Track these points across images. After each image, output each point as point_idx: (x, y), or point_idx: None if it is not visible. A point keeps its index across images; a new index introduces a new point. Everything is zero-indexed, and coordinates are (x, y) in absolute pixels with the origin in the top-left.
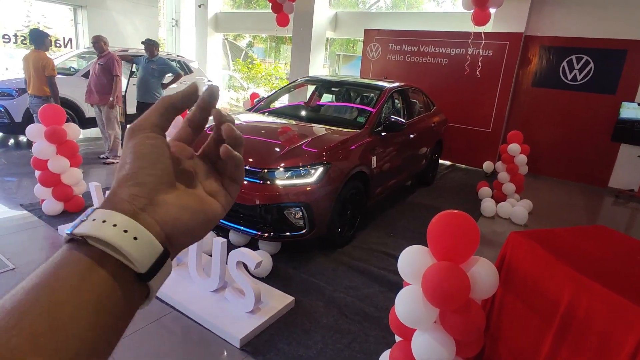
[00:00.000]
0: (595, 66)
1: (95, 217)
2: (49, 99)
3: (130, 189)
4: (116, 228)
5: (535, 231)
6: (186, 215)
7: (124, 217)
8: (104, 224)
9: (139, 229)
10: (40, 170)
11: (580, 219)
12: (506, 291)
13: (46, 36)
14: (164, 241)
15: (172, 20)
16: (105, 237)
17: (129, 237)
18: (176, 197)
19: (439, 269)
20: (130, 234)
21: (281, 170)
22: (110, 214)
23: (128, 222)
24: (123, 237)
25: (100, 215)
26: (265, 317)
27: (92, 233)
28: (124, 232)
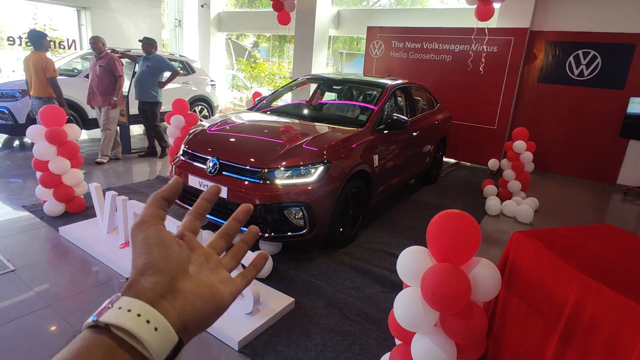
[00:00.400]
0: (603, 61)
1: (121, 306)
2: (50, 100)
3: (152, 277)
4: (140, 318)
5: (539, 231)
6: (200, 303)
7: (146, 306)
8: (128, 314)
9: (160, 319)
10: (41, 172)
11: (588, 217)
12: (510, 293)
13: (44, 37)
14: (180, 330)
15: (175, 20)
16: (129, 327)
17: (151, 328)
18: (192, 286)
19: (438, 270)
20: (152, 324)
21: (281, 169)
22: (134, 303)
23: (150, 312)
24: (145, 327)
25: (125, 303)
26: (265, 318)
27: (117, 322)
28: (146, 322)
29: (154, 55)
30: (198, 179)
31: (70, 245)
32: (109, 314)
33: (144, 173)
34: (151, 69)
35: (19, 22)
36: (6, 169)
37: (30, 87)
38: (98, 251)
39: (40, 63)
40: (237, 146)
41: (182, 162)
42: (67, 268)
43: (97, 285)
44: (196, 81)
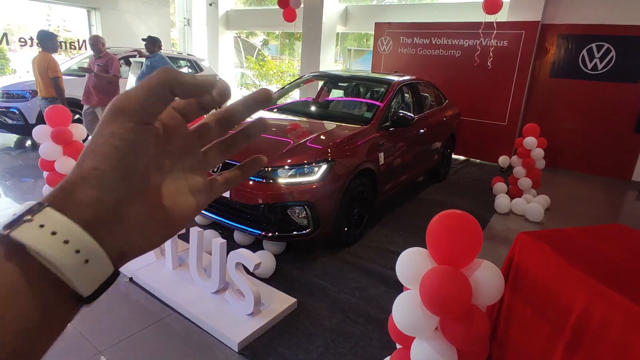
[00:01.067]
0: (617, 54)
1: (44, 223)
2: (55, 101)
3: (93, 191)
4: (67, 246)
5: (545, 232)
6: (151, 232)
7: (78, 231)
8: (53, 237)
9: (93, 248)
10: (48, 172)
11: (601, 215)
12: (514, 296)
13: (53, 37)
14: (116, 259)
15: (184, 19)
16: (51, 257)
17: (80, 260)
18: (143, 210)
19: (437, 273)
20: (83, 255)
21: (284, 168)
22: (63, 222)
23: (82, 239)
24: (74, 258)
25: (51, 221)
26: (266, 319)
27: (34, 245)
28: (75, 252)
29: (155, 55)
30: None
31: None
32: (26, 229)
33: None
34: (150, 69)
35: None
36: (18, 169)
37: (38, 87)
38: None
39: (44, 63)
40: None
41: None
42: None
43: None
44: None
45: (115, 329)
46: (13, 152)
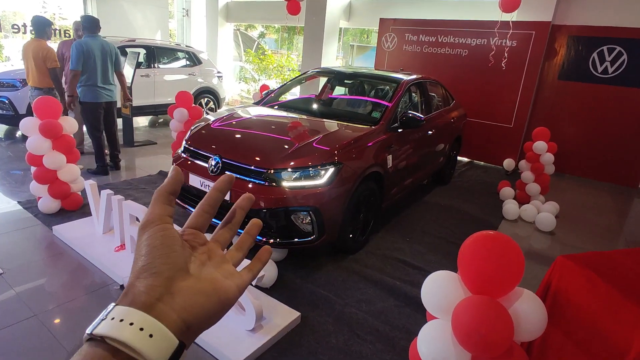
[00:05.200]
0: (629, 58)
1: (114, 316)
2: (50, 91)
3: (147, 280)
4: (133, 327)
5: (588, 255)
6: (202, 300)
7: (140, 314)
8: (121, 323)
9: (155, 325)
10: (36, 167)
11: (611, 225)
12: (552, 327)
13: (49, 24)
14: (182, 330)
15: (182, 10)
16: (122, 337)
17: (145, 335)
18: (192, 283)
19: (474, 305)
20: (146, 331)
21: (288, 170)
22: (127, 311)
23: (144, 319)
24: (138, 335)
25: (118, 313)
26: (268, 336)
27: (109, 334)
28: (139, 330)
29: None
30: (199, 179)
31: (64, 246)
32: (103, 325)
33: (146, 168)
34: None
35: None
36: (6, 161)
37: (28, 76)
38: (92, 254)
39: (40, 52)
40: (241, 144)
41: (183, 160)
42: (58, 272)
43: (89, 292)
44: (203, 72)
45: None
46: (2, 143)
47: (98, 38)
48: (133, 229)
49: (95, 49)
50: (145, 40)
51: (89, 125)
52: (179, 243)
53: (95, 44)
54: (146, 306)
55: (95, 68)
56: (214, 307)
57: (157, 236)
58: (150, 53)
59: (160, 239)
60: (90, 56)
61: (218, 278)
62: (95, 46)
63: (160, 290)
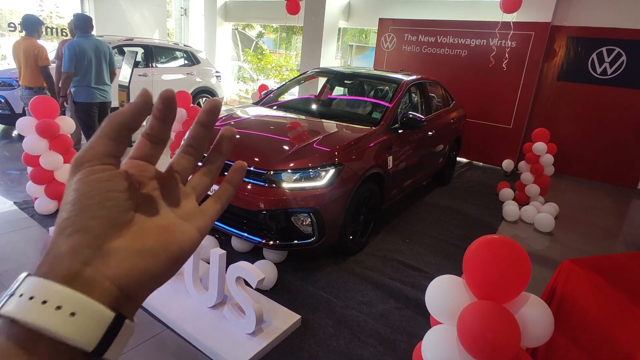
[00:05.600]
0: (628, 59)
1: (23, 292)
2: (42, 90)
3: (70, 240)
4: (46, 305)
5: (594, 259)
6: (144, 261)
7: (56, 287)
8: (30, 302)
9: (77, 299)
10: (32, 167)
11: (610, 226)
12: (558, 333)
13: (39, 23)
14: (119, 300)
15: (180, 9)
16: (32, 321)
17: (64, 315)
18: (131, 240)
19: (480, 311)
20: (66, 310)
21: (288, 172)
22: (40, 285)
23: (62, 293)
24: (55, 316)
25: (29, 287)
26: (268, 339)
27: (17, 316)
28: (56, 308)
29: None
30: None
31: None
32: (10, 303)
33: None
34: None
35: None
36: (3, 161)
37: (19, 75)
38: None
39: (31, 50)
40: (241, 145)
41: None
42: None
43: None
44: (201, 72)
45: None
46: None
47: (91, 38)
48: None
49: (89, 50)
50: (143, 40)
51: (83, 125)
52: (119, 188)
53: (88, 44)
54: (69, 274)
55: (89, 69)
56: (161, 267)
57: (88, 180)
58: (148, 52)
59: (91, 185)
60: (84, 57)
61: (170, 226)
62: (88, 46)
63: (87, 252)
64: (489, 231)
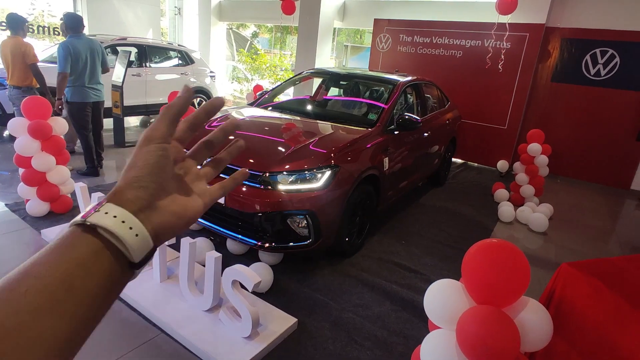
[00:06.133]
0: (621, 61)
1: (107, 211)
2: (30, 90)
3: (136, 191)
4: (124, 224)
5: (592, 262)
6: (173, 220)
7: (130, 215)
8: (114, 219)
9: (140, 227)
10: (24, 168)
11: (604, 226)
12: (556, 337)
13: (24, 22)
14: (153, 238)
15: (174, 8)
16: (115, 230)
17: (133, 234)
18: (168, 203)
19: (479, 316)
20: (134, 230)
21: (284, 173)
22: (120, 210)
23: (133, 220)
24: (128, 232)
25: (112, 210)
26: (265, 343)
27: (104, 224)
28: (129, 228)
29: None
30: None
31: None
32: (97, 216)
33: None
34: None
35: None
36: None
37: (7, 75)
38: None
39: (18, 49)
40: None
41: None
42: None
43: None
44: (195, 72)
45: (94, 354)
46: None
47: (83, 37)
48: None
49: (82, 49)
50: (136, 39)
51: (76, 125)
52: (171, 165)
53: (81, 44)
54: (134, 212)
55: (83, 69)
56: (180, 226)
57: (155, 154)
58: (142, 52)
59: (157, 158)
60: (79, 57)
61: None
62: (81, 46)
63: (144, 202)
64: (484, 232)
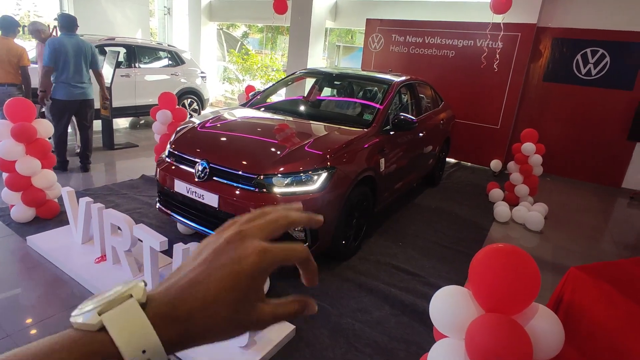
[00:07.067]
0: (612, 60)
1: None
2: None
3: (177, 326)
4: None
5: (601, 265)
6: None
7: (160, 349)
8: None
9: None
10: (8, 173)
11: (598, 225)
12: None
13: (17, 25)
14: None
15: (164, 8)
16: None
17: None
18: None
19: (490, 325)
20: (147, 355)
21: (279, 176)
22: (154, 342)
23: (158, 351)
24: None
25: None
26: (262, 352)
27: (118, 343)
28: (142, 352)
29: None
30: (185, 185)
31: (39, 257)
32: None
33: (127, 172)
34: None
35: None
36: None
37: None
38: (70, 266)
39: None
40: (230, 148)
41: (167, 165)
42: (33, 286)
43: (67, 308)
44: (185, 73)
45: None
46: None
47: (74, 37)
48: (114, 239)
49: (68, 47)
50: (125, 39)
51: (55, 119)
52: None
53: (69, 42)
54: (172, 344)
55: (66, 65)
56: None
57: (246, 276)
58: (131, 52)
59: (246, 283)
60: (62, 53)
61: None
62: (69, 44)
63: (178, 339)
64: (480, 232)
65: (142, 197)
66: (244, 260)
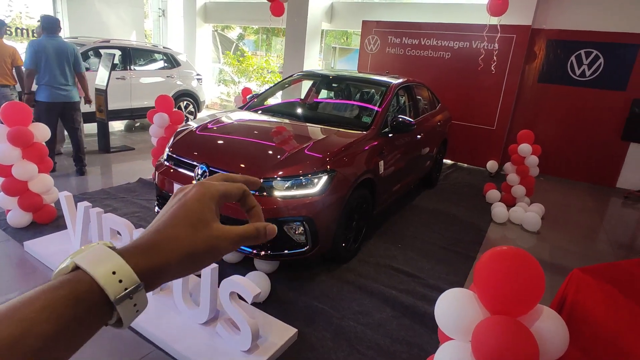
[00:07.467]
0: (605, 61)
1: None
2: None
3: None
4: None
5: (604, 267)
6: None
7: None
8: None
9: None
10: (4, 177)
11: (594, 224)
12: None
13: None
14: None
15: (158, 10)
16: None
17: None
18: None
19: (496, 327)
20: (124, 284)
21: (279, 179)
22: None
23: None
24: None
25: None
26: (265, 356)
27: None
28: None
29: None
30: None
31: (37, 263)
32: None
33: (124, 175)
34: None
35: None
36: None
37: None
38: None
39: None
40: (229, 151)
41: (166, 168)
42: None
43: None
44: (181, 75)
45: None
46: None
47: (56, 39)
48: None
49: (49, 49)
50: (120, 41)
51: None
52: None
53: (51, 44)
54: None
55: (47, 68)
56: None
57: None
58: (126, 54)
59: (197, 218)
60: (43, 55)
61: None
62: (50, 46)
63: (151, 275)
64: (478, 233)
65: (140, 200)
66: (189, 193)
